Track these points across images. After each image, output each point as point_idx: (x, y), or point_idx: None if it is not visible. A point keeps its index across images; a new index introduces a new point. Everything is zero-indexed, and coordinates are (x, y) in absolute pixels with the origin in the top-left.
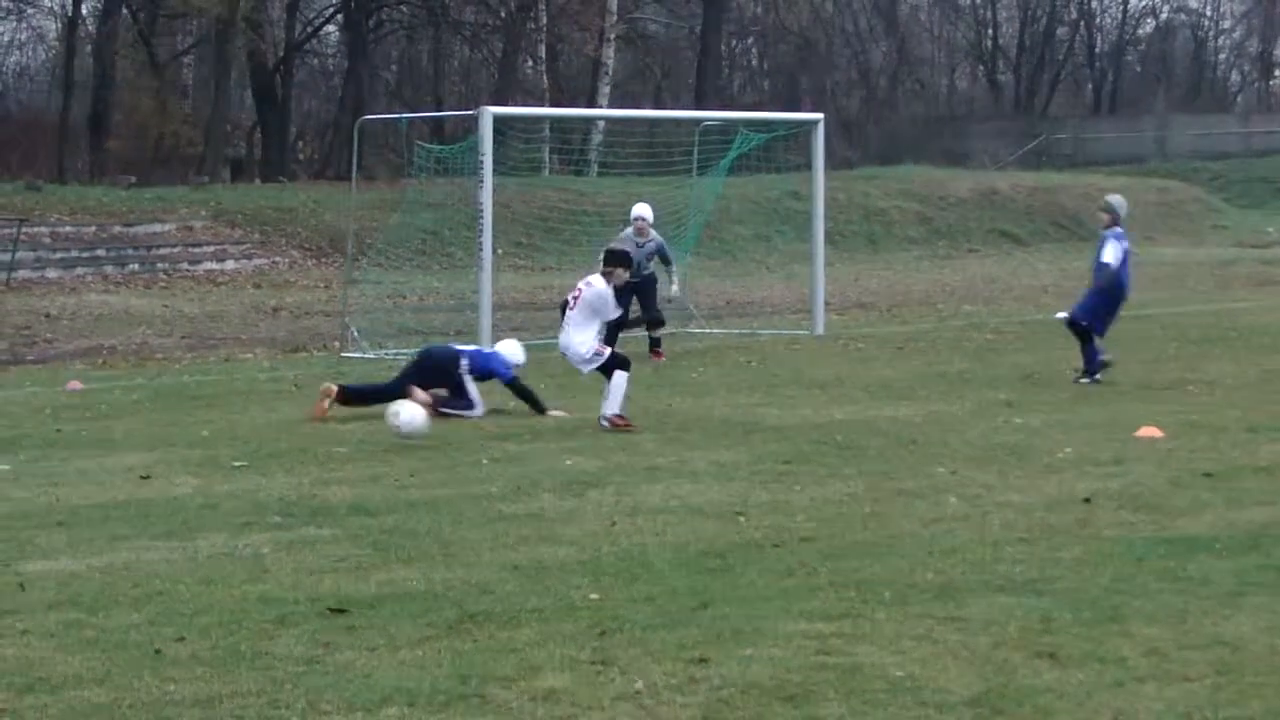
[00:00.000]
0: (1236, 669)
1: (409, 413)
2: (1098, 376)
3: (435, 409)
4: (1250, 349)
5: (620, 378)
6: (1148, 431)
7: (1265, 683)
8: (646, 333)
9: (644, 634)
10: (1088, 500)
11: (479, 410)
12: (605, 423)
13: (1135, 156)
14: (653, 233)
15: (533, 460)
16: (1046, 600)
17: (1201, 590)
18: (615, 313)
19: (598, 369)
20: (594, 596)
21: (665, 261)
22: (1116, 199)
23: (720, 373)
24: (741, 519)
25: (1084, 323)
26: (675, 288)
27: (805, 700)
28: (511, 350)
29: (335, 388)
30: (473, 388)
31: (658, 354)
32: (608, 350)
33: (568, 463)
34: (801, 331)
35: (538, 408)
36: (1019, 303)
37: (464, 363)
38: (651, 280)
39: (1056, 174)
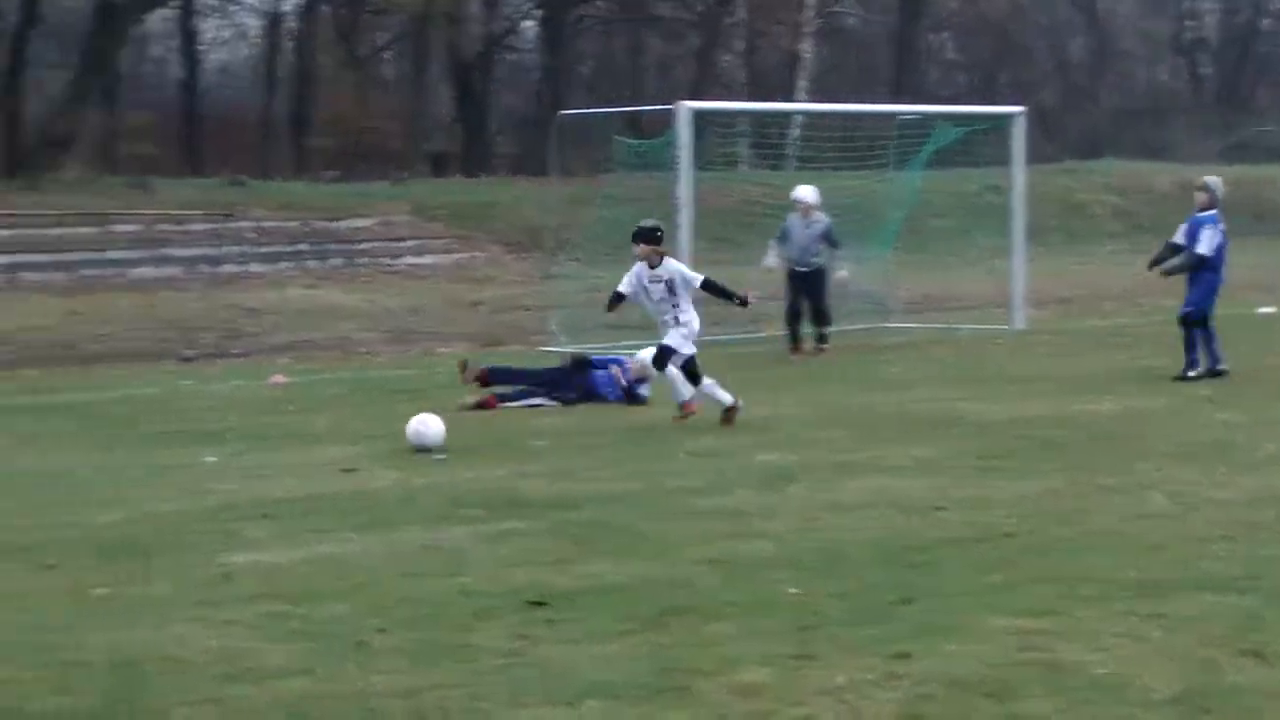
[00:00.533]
0: None
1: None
2: (1192, 373)
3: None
4: None
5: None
6: None
7: None
8: (813, 326)
9: (844, 629)
10: None
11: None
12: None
13: None
14: (818, 214)
15: (730, 455)
16: (1252, 598)
17: None
18: (648, 292)
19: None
20: (793, 591)
21: (833, 245)
22: (1215, 180)
23: (919, 367)
24: (941, 514)
25: (1201, 314)
26: (844, 272)
27: (1008, 696)
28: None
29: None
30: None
31: (822, 348)
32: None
33: (764, 458)
34: (1001, 326)
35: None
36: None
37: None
38: (820, 273)
39: (1260, 168)
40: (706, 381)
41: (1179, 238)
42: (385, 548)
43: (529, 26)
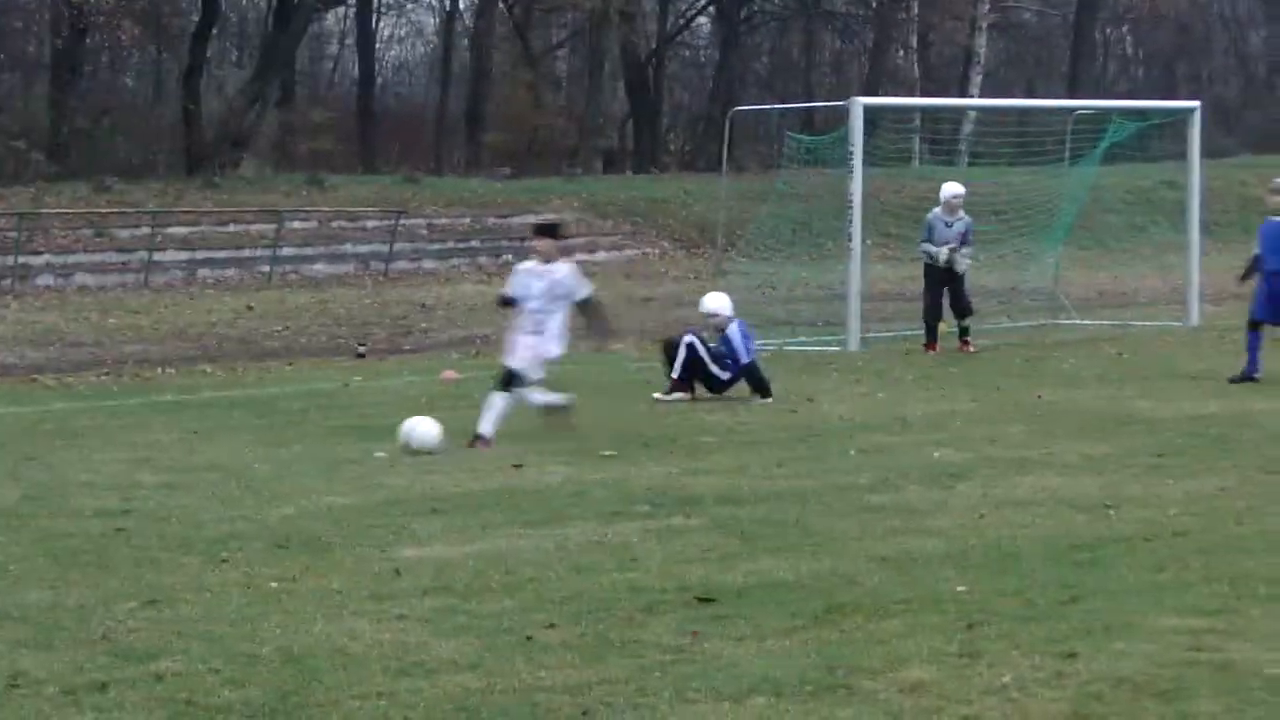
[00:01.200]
0: None
1: (420, 430)
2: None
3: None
4: None
5: (504, 399)
6: None
7: None
8: (955, 321)
9: (1012, 627)
10: None
11: None
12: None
13: None
14: (962, 213)
15: (900, 452)
16: None
17: None
18: (530, 289)
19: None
20: (961, 589)
21: (964, 243)
22: None
23: (1091, 364)
24: (1112, 512)
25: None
26: (946, 256)
27: (1177, 697)
28: (719, 304)
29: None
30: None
31: (965, 344)
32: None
33: (935, 454)
34: (1175, 323)
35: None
36: None
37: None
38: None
39: None
40: (535, 395)
41: (1259, 248)
42: (554, 543)
43: (702, 23)
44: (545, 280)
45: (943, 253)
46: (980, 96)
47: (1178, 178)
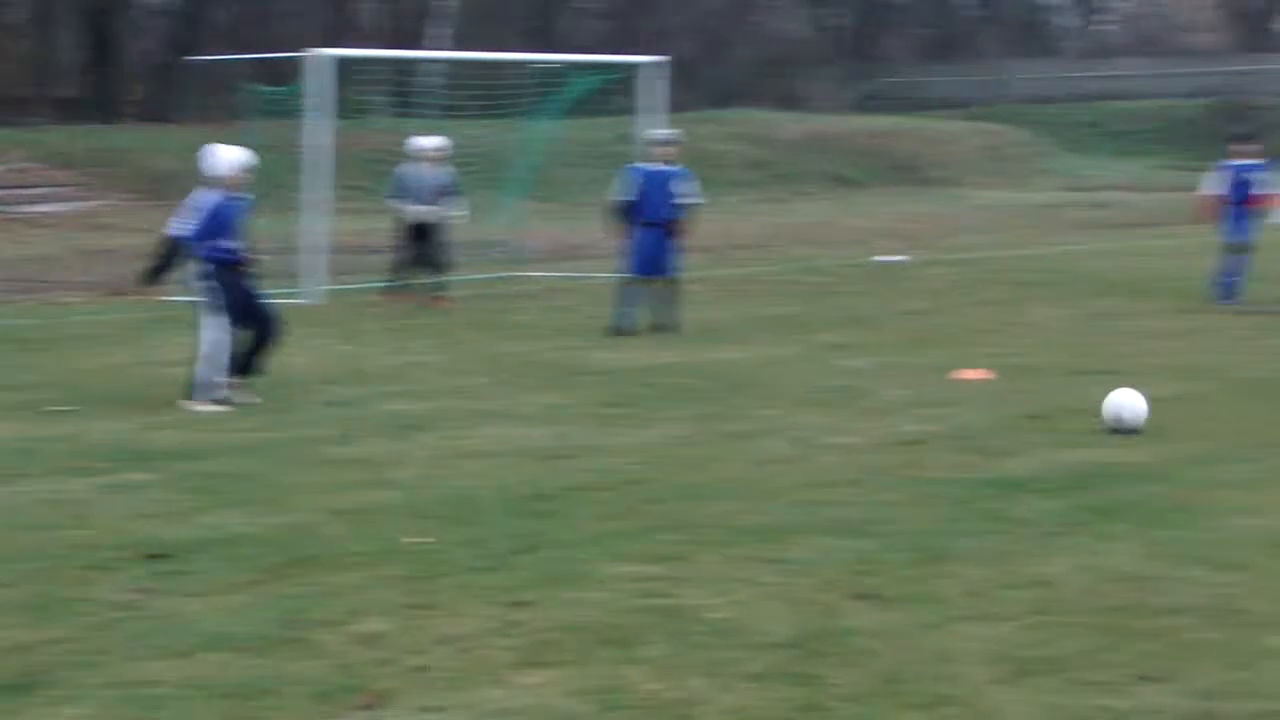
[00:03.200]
0: (1052, 608)
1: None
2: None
3: None
4: (1073, 293)
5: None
6: (973, 374)
7: (1079, 622)
8: (429, 276)
9: (469, 578)
10: (915, 442)
11: None
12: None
13: (970, 100)
14: (444, 166)
15: (360, 404)
16: (870, 541)
17: (1023, 530)
18: None
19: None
20: (418, 540)
21: (453, 194)
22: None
23: (549, 316)
24: (569, 461)
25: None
26: (428, 214)
27: (627, 642)
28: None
29: None
30: None
31: (439, 300)
32: None
33: (396, 407)
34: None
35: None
36: (850, 246)
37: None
38: (438, 224)
39: (890, 118)
40: None
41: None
42: (2, 501)
43: None
44: None
45: (422, 210)
46: (449, 49)
47: (628, 131)
